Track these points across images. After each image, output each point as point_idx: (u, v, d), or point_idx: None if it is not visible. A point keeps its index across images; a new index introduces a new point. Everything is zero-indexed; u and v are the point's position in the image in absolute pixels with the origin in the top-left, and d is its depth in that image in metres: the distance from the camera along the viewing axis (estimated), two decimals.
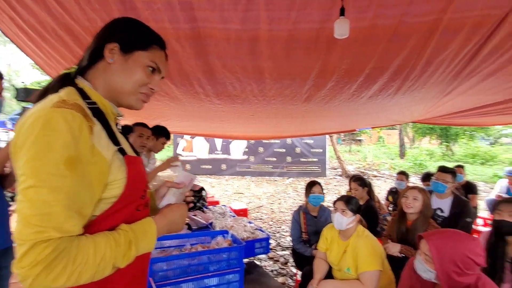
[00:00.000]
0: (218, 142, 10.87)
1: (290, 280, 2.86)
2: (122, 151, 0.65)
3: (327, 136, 11.05)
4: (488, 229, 1.86)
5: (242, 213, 3.83)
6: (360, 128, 4.07)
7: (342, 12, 1.31)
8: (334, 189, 8.81)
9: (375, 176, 11.51)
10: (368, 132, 24.67)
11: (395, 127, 21.10)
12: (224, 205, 2.87)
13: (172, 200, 0.81)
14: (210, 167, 10.97)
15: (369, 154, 16.99)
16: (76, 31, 1.57)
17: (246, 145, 10.84)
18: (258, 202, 6.85)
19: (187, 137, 10.75)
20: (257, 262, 3.10)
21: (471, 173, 11.63)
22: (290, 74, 1.90)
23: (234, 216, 2.41)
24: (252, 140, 10.00)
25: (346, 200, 1.82)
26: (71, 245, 0.53)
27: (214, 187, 8.87)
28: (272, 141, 10.76)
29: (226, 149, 10.98)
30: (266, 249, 1.88)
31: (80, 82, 0.66)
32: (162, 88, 2.18)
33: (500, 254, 1.62)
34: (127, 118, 2.95)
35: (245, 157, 10.96)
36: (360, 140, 28.09)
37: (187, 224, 1.98)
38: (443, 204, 2.41)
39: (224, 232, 1.63)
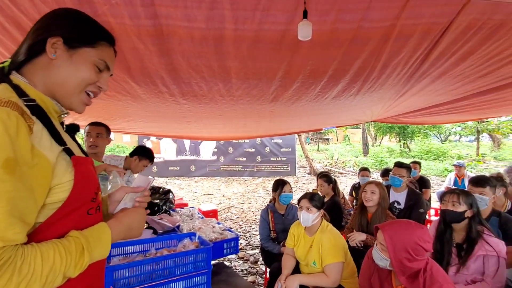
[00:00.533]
0: (187, 143, 10.63)
1: (260, 278, 2.89)
2: (68, 151, 0.60)
3: (295, 135, 11.32)
4: (437, 218, 2.04)
5: (212, 214, 3.79)
6: (326, 127, 4.23)
7: (305, 15, 1.35)
8: (303, 187, 9.05)
9: (341, 173, 12.04)
10: (334, 131, 25.74)
11: (358, 127, 22.25)
12: (192, 207, 2.81)
13: (129, 205, 0.78)
14: (178, 168, 10.68)
15: (335, 152, 17.74)
16: (25, 24, 1.43)
17: (216, 145, 10.74)
18: (228, 203, 6.82)
19: (154, 138, 10.36)
20: (227, 263, 3.09)
21: (425, 168, 12.66)
22: (256, 74, 1.92)
23: (202, 218, 2.37)
24: (221, 140, 9.93)
25: (310, 197, 1.89)
26: (15, 254, 0.48)
27: (183, 189, 8.66)
28: (242, 141, 10.77)
29: (195, 150, 10.78)
30: (235, 249, 1.88)
31: (15, 78, 0.60)
32: (124, 87, 2.08)
33: (447, 240, 1.79)
34: (82, 118, 2.77)
35: (215, 157, 10.85)
36: (327, 139, 29.23)
37: (153, 228, 1.91)
38: (399, 197, 2.60)
39: (191, 235, 1.60)
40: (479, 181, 2.12)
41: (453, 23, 1.58)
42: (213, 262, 1.65)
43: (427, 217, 3.74)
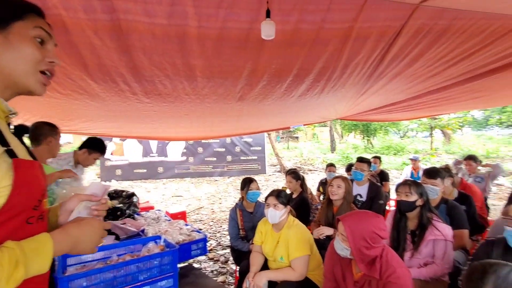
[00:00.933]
0: (153, 144, 10.23)
1: (230, 278, 2.88)
2: (11, 153, 0.55)
3: (265, 134, 11.44)
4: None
5: (180, 216, 3.71)
6: (294, 125, 4.33)
7: (268, 14, 1.37)
8: (273, 184, 9.19)
9: (310, 170, 12.41)
10: (303, 129, 26.39)
11: (326, 125, 23.06)
12: (159, 210, 2.72)
13: (83, 214, 0.71)
14: (145, 171, 10.25)
15: (304, 150, 18.25)
16: None
17: (185, 146, 10.47)
18: (198, 204, 6.70)
19: (116, 139, 9.83)
20: (196, 265, 3.04)
21: (386, 163, 13.50)
22: (222, 72, 1.90)
23: (169, 220, 2.30)
24: (190, 140, 9.71)
25: (277, 194, 1.93)
26: None
27: (150, 192, 8.33)
28: (212, 141, 10.63)
29: (162, 151, 10.41)
30: (204, 250, 1.86)
31: None
32: (80, 85, 1.95)
33: (402, 228, 1.94)
34: (34, 119, 2.55)
35: (184, 158, 10.58)
36: (297, 138, 29.92)
37: (115, 234, 1.81)
38: (361, 190, 2.76)
39: (156, 238, 1.55)
40: (431, 173, 2.32)
41: (405, 27, 1.69)
42: (180, 264, 1.61)
43: (387, 207, 4.01)
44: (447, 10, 1.58)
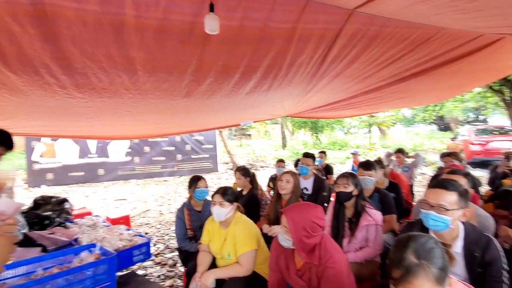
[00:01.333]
0: (92, 144, 9.31)
1: (179, 281, 2.79)
2: None
3: (216, 132, 11.30)
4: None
5: (123, 221, 3.46)
6: (244, 122, 4.35)
7: (211, 9, 1.34)
8: (226, 182, 9.15)
9: (262, 167, 12.67)
10: (255, 126, 26.75)
11: (277, 122, 23.78)
12: (97, 216, 2.49)
13: None
14: (82, 173, 9.29)
15: (257, 147, 18.55)
16: None
17: (129, 145, 9.75)
18: (144, 207, 6.32)
19: (47, 139, 8.70)
20: (141, 271, 2.87)
21: (332, 157, 14.47)
22: (165, 67, 1.81)
23: (108, 226, 2.13)
24: (135, 139, 9.08)
25: (223, 192, 1.92)
26: None
27: (88, 197, 7.59)
28: (160, 139, 10.11)
29: (103, 151, 9.55)
30: (147, 255, 1.76)
31: None
32: None
33: (341, 217, 2.12)
34: None
35: (128, 158, 9.87)
36: (249, 135, 30.24)
37: (41, 245, 1.60)
38: (307, 184, 2.91)
39: (91, 246, 1.41)
40: (367, 165, 2.58)
41: (342, 30, 1.82)
42: (121, 272, 1.49)
43: (332, 199, 4.31)
44: (377, 17, 1.75)
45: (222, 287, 1.73)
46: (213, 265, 1.97)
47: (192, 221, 2.47)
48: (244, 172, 3.05)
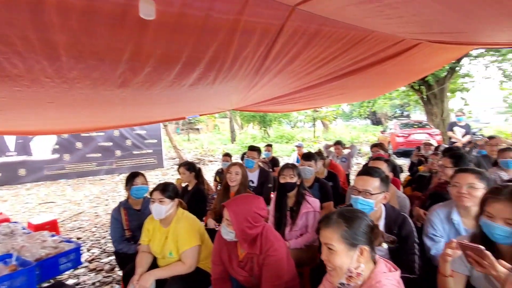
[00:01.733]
0: (10, 140, 8.01)
1: (117, 286, 2.60)
2: None
3: (160, 126, 10.72)
4: None
5: (49, 226, 3.06)
6: (189, 115, 4.20)
7: None
8: (172, 178, 8.78)
9: (211, 161, 12.51)
10: (204, 120, 26.20)
11: (226, 116, 23.62)
12: (15, 222, 2.16)
13: None
14: None
15: (205, 141, 18.21)
16: None
17: (56, 140, 8.65)
18: (76, 209, 5.71)
19: None
20: (72, 280, 2.59)
21: (280, 150, 15.02)
22: (95, 53, 1.63)
23: (29, 233, 1.86)
24: (64, 134, 8.09)
25: (162, 188, 1.84)
26: None
27: (7, 201, 6.56)
28: (95, 134, 9.19)
29: (24, 148, 8.31)
30: (77, 262, 1.59)
31: None
32: None
33: (284, 206, 2.22)
34: None
35: (56, 156, 8.76)
36: (198, 129, 29.50)
37: None
38: (253, 177, 2.97)
39: (6, 257, 1.21)
40: (308, 157, 2.75)
41: (285, 27, 1.86)
42: (47, 283, 1.31)
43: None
44: (316, 16, 1.83)
45: (164, 286, 1.66)
46: (155, 266, 1.87)
47: (130, 221, 2.31)
48: (189, 166, 2.96)
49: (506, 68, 11.46)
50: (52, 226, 3.25)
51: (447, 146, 5.72)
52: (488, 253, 1.20)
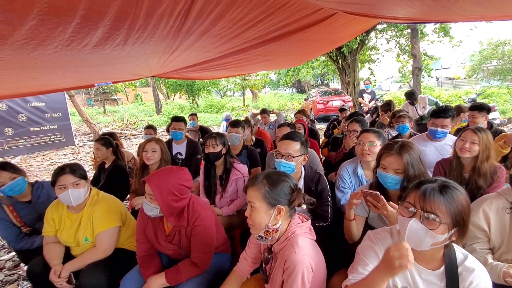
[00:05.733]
0: None
1: (25, 283, 2.27)
2: None
3: (66, 96, 9.15)
4: None
5: None
6: (99, 83, 3.65)
7: None
8: (86, 157, 7.79)
9: (134, 135, 11.49)
10: (122, 90, 23.58)
11: (149, 85, 21.57)
12: None
13: None
14: None
15: (126, 114, 16.51)
16: None
17: None
18: None
19: None
20: None
21: (210, 120, 14.73)
22: None
23: None
24: None
25: (71, 169, 1.59)
26: None
27: None
28: None
29: None
30: None
31: None
32: None
33: (212, 175, 2.23)
34: None
35: None
36: (115, 100, 26.38)
37: None
38: (181, 148, 2.85)
39: None
40: (234, 124, 2.76)
41: None
42: None
43: None
44: None
45: (79, 278, 1.49)
46: (68, 255, 1.67)
47: (22, 216, 1.93)
48: (105, 141, 2.63)
49: (402, 43, 13.35)
50: None
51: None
52: (382, 197, 1.47)
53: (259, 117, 5.40)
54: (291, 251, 1.19)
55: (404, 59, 13.97)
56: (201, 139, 4.60)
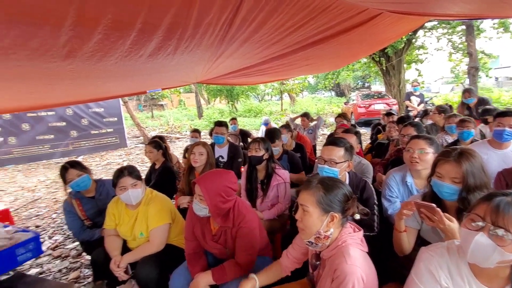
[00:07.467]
0: None
1: (86, 270, 2.51)
2: None
3: (120, 103, 10.03)
4: None
5: (1, 216, 2.79)
6: (150, 90, 3.94)
7: None
8: (137, 158, 8.42)
9: (178, 138, 12.14)
10: (168, 95, 25.12)
11: (191, 90, 22.65)
12: None
13: None
14: None
15: (171, 118, 17.54)
16: None
17: None
18: (31, 196, 5.28)
19: None
20: (36, 269, 2.45)
21: (248, 124, 14.98)
22: (29, 16, 1.39)
23: None
24: (4, 114, 7.23)
25: (129, 172, 1.75)
26: None
27: None
28: (44, 113, 8.36)
29: None
30: (37, 251, 1.48)
31: None
32: None
33: (254, 179, 2.26)
34: None
35: None
36: (162, 105, 28.19)
37: None
38: (222, 152, 2.94)
39: None
40: (271, 138, 2.76)
41: None
42: (5, 276, 1.20)
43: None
44: None
45: (135, 269, 1.63)
46: (125, 248, 1.83)
47: (86, 210, 2.15)
48: (155, 144, 2.83)
49: (455, 40, 12.27)
50: (4, 216, 2.95)
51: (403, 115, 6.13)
52: (439, 210, 1.35)
53: (297, 121, 5.35)
54: (341, 261, 1.16)
55: (457, 58, 12.81)
56: (241, 143, 4.71)
